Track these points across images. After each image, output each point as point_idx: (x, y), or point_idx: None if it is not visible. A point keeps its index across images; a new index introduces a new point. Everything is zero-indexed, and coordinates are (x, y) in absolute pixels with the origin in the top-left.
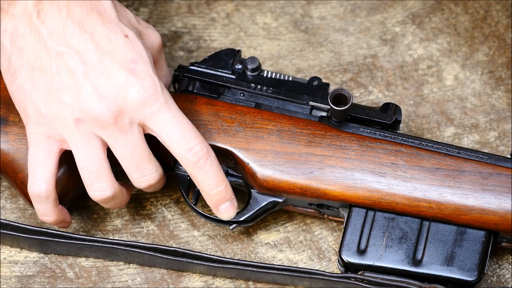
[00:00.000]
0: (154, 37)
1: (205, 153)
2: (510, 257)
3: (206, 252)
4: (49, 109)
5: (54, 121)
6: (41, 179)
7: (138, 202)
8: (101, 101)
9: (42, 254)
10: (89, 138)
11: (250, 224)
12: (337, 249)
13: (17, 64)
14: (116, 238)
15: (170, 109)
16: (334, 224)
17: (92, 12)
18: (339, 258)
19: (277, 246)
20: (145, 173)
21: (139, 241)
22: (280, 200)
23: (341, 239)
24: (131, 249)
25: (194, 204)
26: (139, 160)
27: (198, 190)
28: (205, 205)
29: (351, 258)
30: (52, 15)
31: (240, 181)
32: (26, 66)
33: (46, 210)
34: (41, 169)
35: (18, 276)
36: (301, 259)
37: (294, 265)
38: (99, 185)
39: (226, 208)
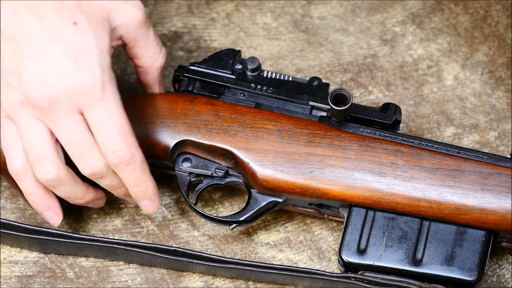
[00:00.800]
0: (131, 14)
1: (128, 158)
2: (510, 257)
3: (206, 252)
4: (2, 91)
5: (5, 103)
6: (15, 158)
7: None
8: (40, 86)
9: (42, 254)
10: (33, 122)
11: (250, 224)
12: (337, 249)
13: None
14: (116, 238)
15: (106, 107)
16: (334, 224)
17: None
18: (339, 258)
19: (277, 246)
20: (88, 161)
21: (139, 241)
22: (280, 200)
23: (341, 239)
24: (131, 248)
25: (194, 204)
26: (80, 147)
27: (198, 190)
28: (204, 205)
29: (351, 258)
30: None
31: (240, 181)
32: None
33: (30, 186)
34: (12, 148)
35: (18, 276)
36: (301, 259)
37: (294, 265)
38: (42, 167)
39: (145, 205)
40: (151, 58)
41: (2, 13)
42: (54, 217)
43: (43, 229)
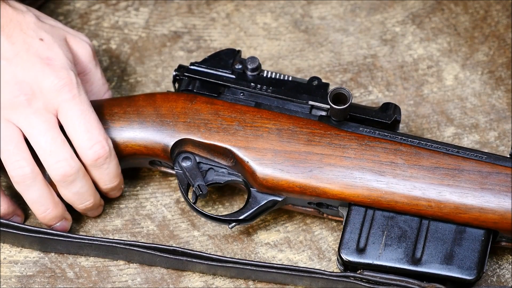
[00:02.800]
0: (81, 45)
1: (106, 152)
2: (510, 257)
3: (206, 252)
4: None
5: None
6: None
7: (138, 202)
8: (16, 85)
9: (42, 254)
10: (6, 125)
11: (250, 223)
12: (337, 249)
13: None
14: (116, 238)
15: (82, 103)
16: (334, 224)
17: (12, 21)
18: (338, 257)
19: (277, 246)
20: (59, 158)
21: (139, 241)
22: (280, 199)
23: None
24: (131, 247)
25: (194, 203)
26: (52, 144)
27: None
28: (204, 205)
29: (350, 256)
30: None
31: (240, 179)
32: None
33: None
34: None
35: (18, 276)
36: (301, 259)
37: (294, 265)
38: (17, 162)
39: (114, 194)
40: (95, 95)
41: None
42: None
43: (42, 229)
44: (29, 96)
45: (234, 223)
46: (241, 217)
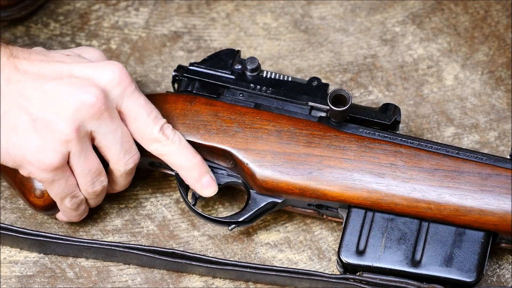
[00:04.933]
0: (92, 51)
1: (172, 129)
2: (510, 257)
3: (205, 254)
4: (45, 142)
5: (57, 147)
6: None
7: (138, 202)
8: (85, 92)
9: (42, 254)
10: (87, 141)
11: (249, 224)
12: (337, 249)
13: None
14: (116, 238)
15: (141, 93)
16: (334, 224)
17: (32, 53)
18: (338, 259)
19: (277, 246)
20: (132, 152)
21: (139, 242)
22: (279, 201)
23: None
24: (129, 250)
25: (193, 205)
26: (127, 142)
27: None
28: (204, 205)
29: (350, 258)
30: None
31: (239, 181)
32: None
33: (85, 209)
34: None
35: (18, 276)
36: (301, 259)
37: (294, 265)
38: (99, 180)
39: (208, 181)
40: None
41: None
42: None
43: (42, 232)
44: (103, 98)
45: (233, 225)
46: (240, 219)
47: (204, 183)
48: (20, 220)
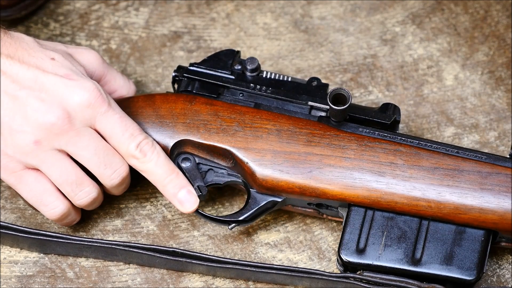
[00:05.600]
0: (87, 53)
1: (150, 146)
2: (510, 257)
3: (205, 253)
4: (5, 146)
5: (16, 155)
6: (53, 201)
7: (138, 202)
8: (48, 111)
9: (42, 254)
10: (54, 154)
11: (249, 223)
12: (336, 249)
13: None
14: (116, 238)
15: (116, 111)
16: (334, 224)
17: (18, 49)
18: (338, 257)
19: (277, 246)
20: (115, 166)
21: (139, 241)
22: (279, 200)
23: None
24: (130, 249)
25: None
26: (105, 157)
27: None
28: (204, 205)
29: (350, 257)
30: None
31: (239, 180)
32: None
33: (73, 217)
34: (45, 195)
35: (18, 276)
36: (301, 259)
37: (294, 265)
38: (83, 191)
39: (184, 197)
40: (124, 87)
41: None
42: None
43: (41, 231)
44: (65, 119)
45: (233, 224)
46: (240, 218)
47: (180, 198)
48: (20, 220)
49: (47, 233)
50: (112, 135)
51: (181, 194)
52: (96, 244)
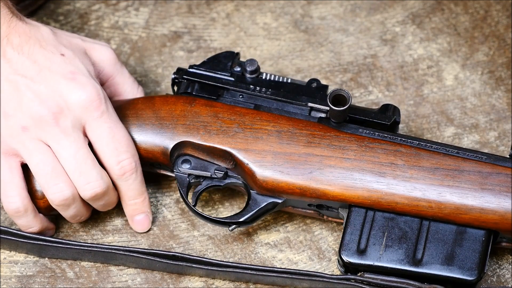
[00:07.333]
0: (103, 50)
1: (132, 168)
2: (510, 257)
3: (205, 254)
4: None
5: (3, 136)
6: (13, 196)
7: None
8: (42, 104)
9: None
10: (37, 144)
11: (250, 225)
12: (337, 249)
13: None
14: (116, 238)
15: (110, 119)
16: (334, 224)
17: (31, 38)
18: (338, 258)
19: (277, 246)
20: (89, 179)
21: (139, 242)
22: (280, 201)
23: (340, 239)
24: (129, 254)
25: (194, 205)
26: (82, 164)
27: (198, 192)
28: (204, 206)
29: (350, 258)
30: None
31: (240, 182)
32: None
33: (29, 222)
34: (9, 186)
35: (18, 276)
36: (301, 259)
37: (294, 265)
38: (56, 186)
39: (140, 220)
40: (130, 94)
41: None
42: (49, 232)
43: (40, 236)
44: (56, 115)
45: (234, 226)
46: (241, 220)
47: (136, 220)
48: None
49: (46, 238)
50: (97, 141)
51: (138, 217)
52: (95, 249)
